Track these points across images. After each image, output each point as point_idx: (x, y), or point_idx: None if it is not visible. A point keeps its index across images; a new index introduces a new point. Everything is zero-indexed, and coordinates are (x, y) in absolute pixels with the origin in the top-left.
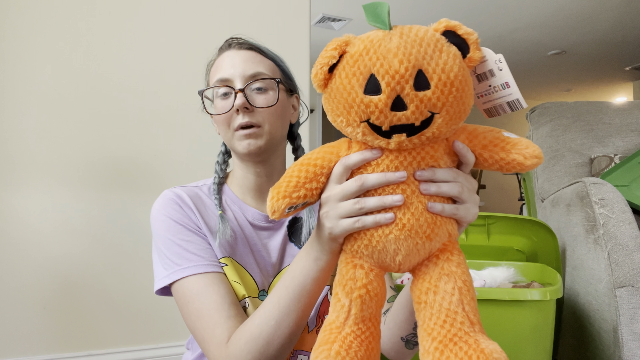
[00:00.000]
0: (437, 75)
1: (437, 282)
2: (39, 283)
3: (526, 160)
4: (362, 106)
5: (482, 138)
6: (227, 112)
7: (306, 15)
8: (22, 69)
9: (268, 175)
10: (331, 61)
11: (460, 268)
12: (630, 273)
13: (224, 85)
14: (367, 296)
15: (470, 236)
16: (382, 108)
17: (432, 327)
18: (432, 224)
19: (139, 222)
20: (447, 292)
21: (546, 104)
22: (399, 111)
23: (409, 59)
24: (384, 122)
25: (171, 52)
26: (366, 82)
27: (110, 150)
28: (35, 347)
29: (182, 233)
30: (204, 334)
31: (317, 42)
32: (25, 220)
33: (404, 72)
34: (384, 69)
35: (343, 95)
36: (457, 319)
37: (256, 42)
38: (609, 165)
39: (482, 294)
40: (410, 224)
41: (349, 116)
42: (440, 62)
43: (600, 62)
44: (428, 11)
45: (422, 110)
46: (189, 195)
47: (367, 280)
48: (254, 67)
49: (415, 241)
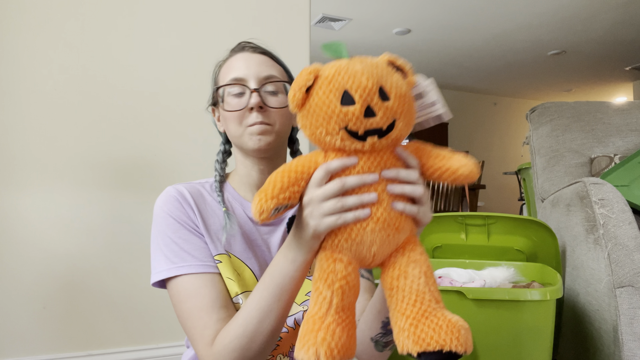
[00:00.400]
0: (394, 89)
1: (406, 268)
2: (39, 283)
3: (459, 169)
4: (340, 115)
5: (428, 151)
6: (241, 110)
7: (306, 15)
8: (22, 69)
9: (270, 173)
10: (308, 83)
11: (423, 256)
12: (630, 273)
13: (239, 84)
14: (347, 287)
15: (470, 236)
16: (357, 115)
17: (404, 307)
18: (400, 217)
19: (139, 222)
20: (415, 276)
21: (546, 104)
22: (370, 117)
23: (372, 77)
24: (359, 127)
25: (171, 52)
26: (342, 97)
27: (111, 150)
28: (35, 347)
29: (179, 231)
30: (193, 332)
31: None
32: (25, 220)
33: (371, 86)
34: (356, 85)
35: (322, 109)
36: (426, 297)
37: (268, 48)
38: (609, 165)
39: (482, 294)
40: (384, 218)
41: (329, 126)
42: (394, 80)
43: (600, 62)
44: (429, 12)
45: (388, 116)
46: (190, 192)
47: (347, 272)
48: (267, 70)
49: (387, 232)
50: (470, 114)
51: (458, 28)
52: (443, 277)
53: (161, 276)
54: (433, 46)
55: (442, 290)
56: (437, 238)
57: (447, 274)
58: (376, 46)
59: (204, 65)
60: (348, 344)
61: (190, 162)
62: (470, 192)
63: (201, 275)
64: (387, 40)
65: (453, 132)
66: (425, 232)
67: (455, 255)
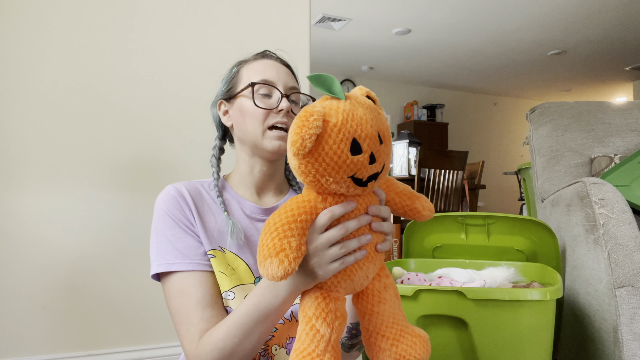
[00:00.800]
0: (386, 133)
1: (383, 295)
2: (39, 283)
3: (423, 210)
4: (351, 165)
5: (396, 187)
6: (269, 109)
7: (306, 15)
8: (22, 69)
9: (271, 175)
10: (318, 131)
11: (390, 278)
12: (630, 273)
13: (271, 85)
14: (343, 322)
15: (470, 236)
16: (365, 164)
17: (384, 329)
18: (381, 252)
19: (139, 222)
20: (390, 300)
21: (546, 104)
22: (372, 164)
23: (375, 124)
24: (365, 175)
25: (171, 52)
26: (350, 145)
27: (110, 150)
28: (35, 347)
29: (175, 230)
30: (180, 328)
31: (317, 42)
32: (25, 220)
33: (375, 134)
34: (364, 134)
35: (333, 159)
36: (399, 318)
37: (290, 62)
38: (609, 165)
39: (482, 294)
40: (374, 254)
41: (337, 175)
42: (384, 124)
43: (600, 62)
44: (429, 12)
45: (383, 160)
46: (189, 191)
47: (343, 309)
48: (292, 82)
49: (375, 267)
50: (470, 114)
51: (458, 28)
52: (443, 277)
53: (153, 270)
54: (433, 46)
55: (442, 290)
56: (437, 238)
57: (447, 274)
58: (376, 46)
59: (204, 65)
60: None
61: (190, 163)
62: (470, 192)
63: (192, 273)
64: (387, 40)
65: (453, 132)
66: (425, 232)
67: (455, 255)
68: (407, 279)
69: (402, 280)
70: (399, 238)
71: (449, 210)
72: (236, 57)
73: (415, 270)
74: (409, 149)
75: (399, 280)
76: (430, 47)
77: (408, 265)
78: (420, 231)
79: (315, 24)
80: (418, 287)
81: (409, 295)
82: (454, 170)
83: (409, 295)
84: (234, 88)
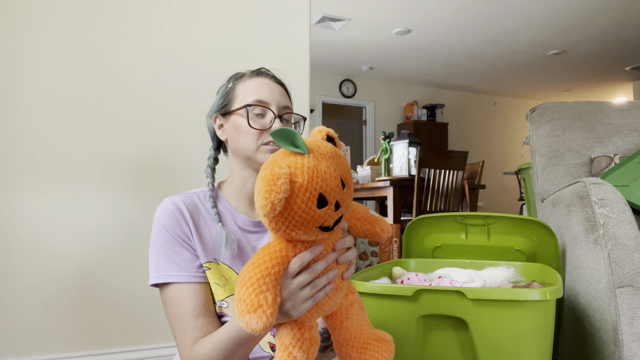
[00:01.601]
0: (347, 177)
1: (350, 310)
2: (40, 283)
3: (382, 233)
4: (318, 218)
5: (357, 213)
6: (264, 130)
7: (306, 15)
8: (23, 69)
9: None
10: (286, 195)
11: (355, 294)
12: (630, 273)
13: (264, 106)
14: (317, 346)
15: (470, 236)
16: (331, 214)
17: (352, 340)
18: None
19: (139, 222)
20: (356, 314)
21: (546, 104)
22: (337, 210)
23: (338, 175)
24: (331, 222)
25: (171, 52)
26: (317, 201)
27: (110, 150)
28: (35, 347)
29: (172, 244)
30: (175, 334)
31: (317, 42)
32: (25, 220)
33: (338, 185)
34: (329, 188)
35: (302, 216)
36: (364, 327)
37: (284, 81)
38: (609, 165)
39: (482, 294)
40: (340, 282)
41: (307, 228)
42: (346, 168)
43: (600, 62)
44: (429, 12)
45: (347, 202)
46: (186, 205)
47: (316, 334)
48: (285, 101)
49: (343, 291)
50: (470, 114)
51: (458, 28)
52: (443, 277)
53: (152, 281)
54: (433, 46)
55: (442, 290)
56: (437, 238)
57: (447, 274)
58: (376, 46)
59: (204, 66)
60: None
61: (190, 163)
62: (470, 192)
63: (186, 284)
64: (387, 40)
65: (453, 132)
66: (425, 232)
67: (455, 255)
68: (407, 279)
69: (402, 280)
70: (399, 238)
71: (449, 210)
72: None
73: (415, 270)
74: (409, 149)
75: (399, 280)
76: (430, 47)
77: (408, 265)
78: (420, 231)
79: (315, 24)
80: (418, 287)
81: (409, 295)
82: (454, 170)
83: (409, 295)
84: (229, 104)
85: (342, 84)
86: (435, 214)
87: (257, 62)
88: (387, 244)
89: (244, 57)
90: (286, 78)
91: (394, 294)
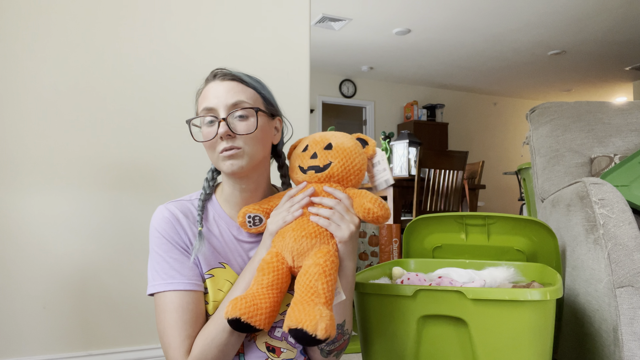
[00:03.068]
0: (337, 144)
1: (310, 269)
2: (39, 283)
3: (372, 206)
4: (298, 158)
5: (360, 193)
6: (212, 139)
7: (306, 15)
8: (23, 70)
9: (252, 190)
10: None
11: (327, 259)
12: (630, 273)
13: (209, 115)
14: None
15: (470, 236)
16: (306, 157)
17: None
18: (315, 227)
19: (139, 222)
20: (311, 274)
21: (546, 104)
22: (314, 159)
23: (325, 137)
24: (305, 165)
25: (171, 53)
26: (303, 148)
27: (110, 150)
28: (35, 347)
29: (171, 251)
30: (164, 341)
31: (317, 42)
32: (25, 220)
33: (319, 140)
34: (311, 141)
35: (294, 156)
36: (310, 291)
37: (238, 73)
38: (609, 165)
39: (482, 293)
40: (303, 224)
41: (294, 165)
42: (341, 140)
43: (600, 62)
44: (429, 12)
45: (325, 159)
46: (181, 212)
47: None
48: (235, 97)
49: (302, 234)
50: (470, 114)
51: (458, 28)
52: (443, 277)
53: (150, 290)
54: (433, 46)
55: (442, 290)
56: (437, 238)
57: (447, 274)
58: (376, 46)
59: (204, 66)
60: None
61: (190, 164)
62: (470, 192)
63: (184, 292)
64: (387, 40)
65: (453, 132)
66: (425, 232)
67: (455, 255)
68: (407, 279)
69: (402, 280)
70: (399, 238)
71: (449, 210)
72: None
73: (415, 270)
74: (409, 149)
75: (399, 280)
76: (430, 47)
77: (408, 265)
78: (420, 231)
79: (315, 24)
80: (418, 287)
81: (409, 295)
82: (454, 170)
83: (409, 295)
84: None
85: (342, 84)
86: (435, 214)
87: (257, 62)
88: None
89: (244, 57)
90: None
91: (394, 293)
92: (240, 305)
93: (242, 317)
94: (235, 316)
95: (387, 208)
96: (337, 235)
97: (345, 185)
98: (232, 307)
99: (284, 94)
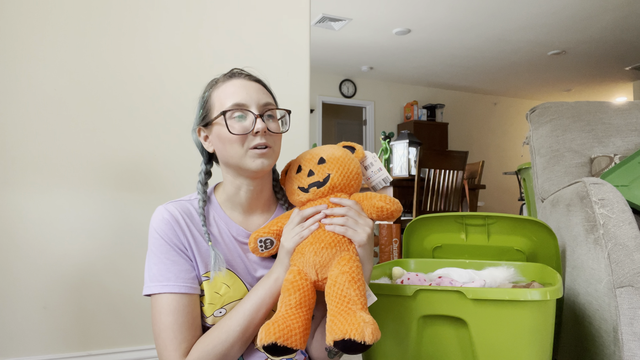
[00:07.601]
0: (328, 156)
1: (339, 278)
2: (40, 283)
3: (385, 204)
4: (295, 180)
5: (367, 196)
6: (246, 133)
7: (306, 15)
8: (23, 69)
9: (259, 192)
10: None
11: (350, 268)
12: (630, 273)
13: (242, 109)
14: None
15: (470, 236)
16: (303, 177)
17: (330, 309)
18: (333, 236)
19: (139, 222)
20: (341, 283)
21: (546, 104)
22: (311, 176)
23: (316, 153)
24: (305, 184)
25: (171, 52)
26: (296, 169)
27: (111, 150)
28: (35, 347)
29: (168, 253)
30: (159, 342)
31: (317, 42)
32: (25, 220)
33: (311, 158)
34: (304, 160)
35: (289, 179)
36: (346, 300)
37: (260, 77)
38: (609, 165)
39: (482, 293)
40: (321, 236)
41: (292, 188)
42: (331, 151)
43: (600, 62)
44: (429, 12)
45: (323, 173)
46: (181, 213)
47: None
48: (265, 98)
49: (322, 246)
50: (470, 114)
51: (458, 28)
52: (443, 277)
53: (147, 291)
54: (433, 46)
55: (441, 290)
56: (437, 238)
57: (447, 274)
58: (376, 46)
59: (204, 66)
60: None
61: (189, 164)
62: (470, 192)
63: (180, 295)
64: (387, 40)
65: (453, 132)
66: (425, 232)
67: (455, 255)
68: (407, 279)
69: (402, 280)
70: (399, 238)
71: (449, 210)
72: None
73: (415, 270)
74: (409, 149)
75: (399, 280)
76: (430, 47)
77: (408, 265)
78: (420, 231)
79: (315, 24)
80: (418, 287)
81: (409, 295)
82: (454, 170)
83: (409, 295)
84: (208, 114)
85: (342, 84)
86: (435, 214)
87: (257, 63)
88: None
89: (245, 57)
90: (263, 74)
91: (394, 294)
92: (273, 329)
93: (277, 341)
94: (271, 342)
95: (397, 202)
96: (356, 239)
97: (349, 192)
98: (265, 333)
99: (284, 93)
